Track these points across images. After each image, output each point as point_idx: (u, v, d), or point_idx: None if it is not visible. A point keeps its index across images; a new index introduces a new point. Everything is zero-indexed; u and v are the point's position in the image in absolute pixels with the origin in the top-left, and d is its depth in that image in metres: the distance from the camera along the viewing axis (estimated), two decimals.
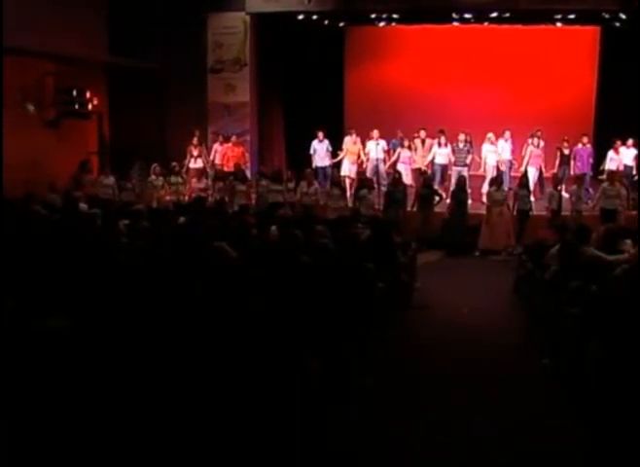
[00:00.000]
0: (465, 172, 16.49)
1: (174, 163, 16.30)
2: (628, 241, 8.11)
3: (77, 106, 16.10)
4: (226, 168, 16.92)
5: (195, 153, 17.05)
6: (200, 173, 16.25)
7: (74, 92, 15.95)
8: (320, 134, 17.44)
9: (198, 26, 17.75)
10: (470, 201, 15.91)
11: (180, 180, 16.00)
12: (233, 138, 17.44)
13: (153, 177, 15.75)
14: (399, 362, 7.74)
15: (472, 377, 7.26)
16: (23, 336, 4.50)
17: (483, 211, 15.25)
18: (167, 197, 15.40)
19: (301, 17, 17.83)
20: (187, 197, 15.57)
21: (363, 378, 6.86)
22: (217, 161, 17.35)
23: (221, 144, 17.49)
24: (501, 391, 6.84)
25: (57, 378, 4.28)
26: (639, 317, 5.38)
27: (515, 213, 14.79)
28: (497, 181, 15.17)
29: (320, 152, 17.47)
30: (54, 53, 14.79)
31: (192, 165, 16.90)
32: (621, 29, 17.73)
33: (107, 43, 16.60)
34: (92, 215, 10.28)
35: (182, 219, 9.77)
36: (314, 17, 17.96)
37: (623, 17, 16.91)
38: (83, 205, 12.20)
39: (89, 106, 16.42)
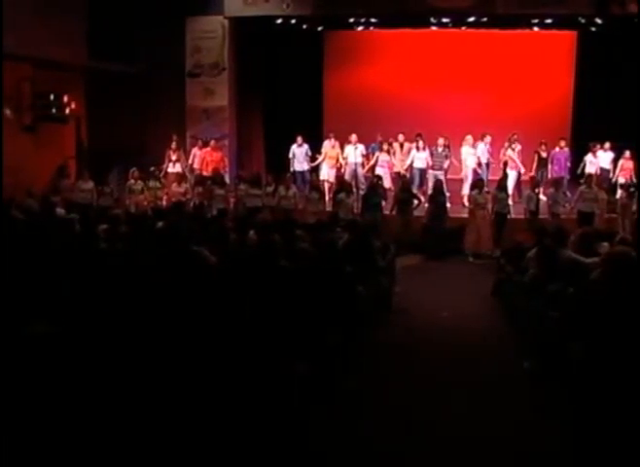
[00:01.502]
0: (441, 176, 16.54)
1: (153, 168, 16.25)
2: (605, 244, 8.16)
3: (54, 110, 15.97)
4: (205, 173, 16.89)
5: (174, 157, 17.01)
6: (179, 178, 16.20)
7: (51, 97, 15.83)
8: (299, 139, 17.46)
9: (177, 30, 17.69)
10: (449, 205, 15.96)
11: (158, 185, 15.96)
12: (212, 143, 17.42)
13: (132, 182, 15.70)
14: (379, 365, 7.75)
15: (452, 379, 7.27)
16: (11, 341, 4.47)
17: (464, 214, 15.31)
18: (145, 202, 15.35)
19: (279, 21, 17.85)
20: (165, 202, 15.53)
21: (344, 381, 6.86)
22: (196, 166, 17.32)
23: (200, 148, 17.46)
24: (481, 394, 6.85)
25: (43, 384, 4.26)
26: (618, 319, 5.41)
27: (493, 216, 14.87)
28: (479, 184, 15.23)
29: (299, 156, 17.50)
30: (32, 57, 14.68)
31: (170, 170, 16.86)
32: (597, 34, 17.92)
33: (85, 47, 16.51)
34: (70, 220, 10.22)
35: (160, 224, 9.74)
36: (293, 21, 17.98)
37: (599, 21, 17.10)
38: (60, 210, 12.13)
39: (67, 110, 16.29)
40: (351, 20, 18.38)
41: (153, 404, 4.48)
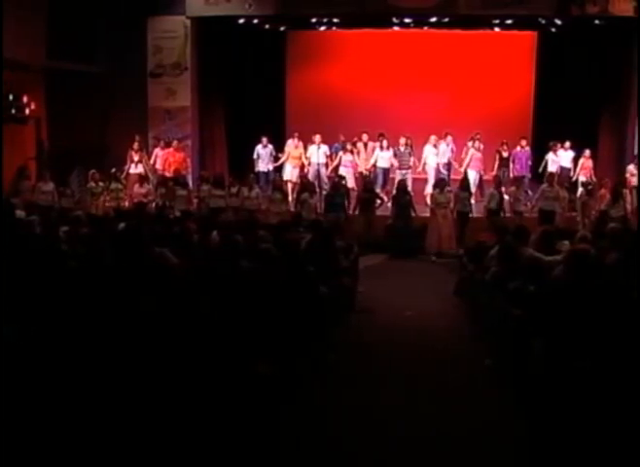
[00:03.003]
0: (408, 175, 16.65)
1: (114, 169, 16.13)
2: (566, 242, 8.24)
3: (13, 111, 15.77)
4: (167, 174, 16.79)
5: (136, 158, 16.86)
6: (141, 179, 16.09)
7: (10, 97, 15.62)
8: (264, 140, 17.52)
9: (138, 30, 17.54)
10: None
11: (120, 186, 15.83)
12: (174, 143, 17.32)
13: (92, 184, 15.58)
14: (343, 365, 7.75)
15: (416, 378, 7.31)
16: None
17: (427, 214, 15.37)
18: (107, 204, 15.23)
19: (242, 21, 17.79)
20: (127, 203, 15.43)
21: (308, 382, 6.86)
22: (158, 167, 17.21)
23: (162, 149, 17.35)
24: (445, 392, 6.90)
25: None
26: (578, 316, 5.47)
27: (455, 215, 14.96)
28: (441, 184, 15.32)
29: (264, 157, 17.56)
30: None
31: (132, 171, 16.70)
32: (556, 34, 18.13)
33: (45, 47, 16.33)
34: (30, 222, 10.10)
35: (122, 225, 9.65)
36: (255, 21, 17.95)
37: (559, 22, 17.30)
38: (20, 212, 11.97)
39: (27, 111, 16.10)
40: (314, 21, 18.39)
41: (113, 405, 4.45)
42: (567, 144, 17.14)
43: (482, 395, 6.84)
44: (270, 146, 17.64)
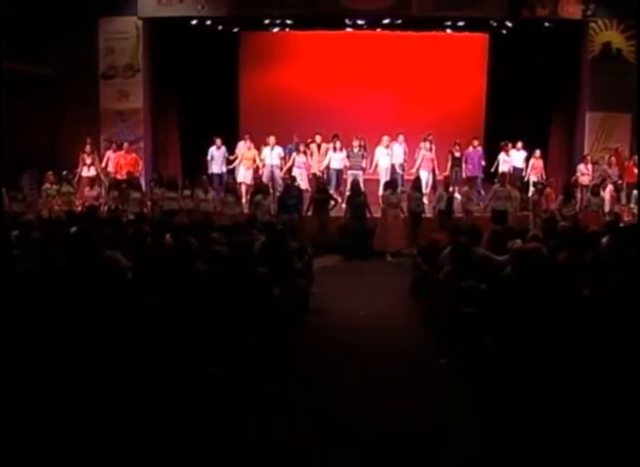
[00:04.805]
0: (360, 176, 16.67)
1: (65, 172, 15.95)
2: (518, 241, 8.34)
3: None
4: (119, 176, 16.64)
5: (89, 161, 16.71)
6: (93, 181, 15.93)
7: None
8: (218, 141, 17.43)
9: (90, 31, 17.36)
10: None
11: (71, 189, 15.66)
12: (125, 145, 17.17)
13: (47, 185, 15.39)
14: (297, 366, 7.74)
15: (371, 378, 7.31)
16: None
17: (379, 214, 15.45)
18: (56, 207, 15.05)
19: (194, 22, 17.75)
20: (80, 207, 15.27)
21: (262, 382, 6.84)
22: (110, 169, 17.05)
23: (114, 151, 17.19)
24: (400, 391, 6.91)
25: None
26: (528, 313, 5.53)
27: (408, 215, 15.04)
28: (392, 184, 15.40)
29: (217, 158, 17.48)
30: None
31: (84, 174, 16.56)
32: (507, 36, 18.37)
33: None
34: None
35: (74, 228, 9.55)
36: (208, 22, 17.92)
37: (510, 24, 17.55)
38: None
39: None
40: (267, 22, 18.39)
41: (64, 409, 4.41)
42: (519, 144, 17.37)
43: (438, 394, 6.87)
44: (224, 147, 17.57)
